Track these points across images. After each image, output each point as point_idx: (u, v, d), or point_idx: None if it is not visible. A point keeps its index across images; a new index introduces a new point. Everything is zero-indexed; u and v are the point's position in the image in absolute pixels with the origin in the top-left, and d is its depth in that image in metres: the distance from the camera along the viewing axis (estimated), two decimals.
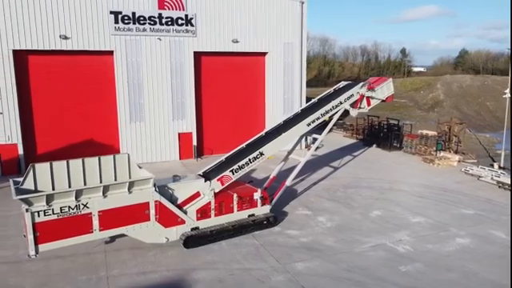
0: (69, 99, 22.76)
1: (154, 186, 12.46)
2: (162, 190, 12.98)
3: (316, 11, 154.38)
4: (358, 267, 11.91)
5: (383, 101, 18.50)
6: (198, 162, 24.24)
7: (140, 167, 12.91)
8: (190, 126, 25.19)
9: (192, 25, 24.13)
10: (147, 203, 12.36)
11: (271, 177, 16.62)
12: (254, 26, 25.75)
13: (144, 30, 23.14)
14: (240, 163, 14.25)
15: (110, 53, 22.86)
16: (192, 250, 12.95)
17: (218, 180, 13.84)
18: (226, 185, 14.04)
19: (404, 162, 25.05)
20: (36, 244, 10.81)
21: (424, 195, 18.50)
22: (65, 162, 11.53)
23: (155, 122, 24.34)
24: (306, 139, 28.37)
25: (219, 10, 24.73)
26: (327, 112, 16.27)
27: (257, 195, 14.63)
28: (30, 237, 10.68)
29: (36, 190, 11.12)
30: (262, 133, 15.69)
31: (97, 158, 12.10)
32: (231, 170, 14.08)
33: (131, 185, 11.99)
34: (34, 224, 10.67)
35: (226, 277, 11.39)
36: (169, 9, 23.53)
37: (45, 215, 10.79)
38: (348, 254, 12.75)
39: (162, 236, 12.85)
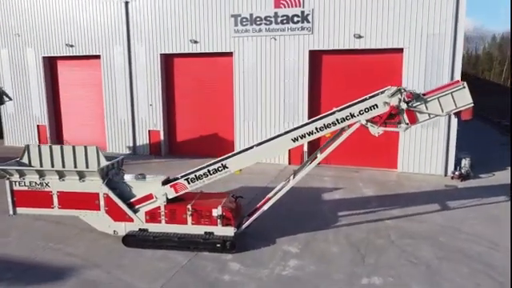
0: (201, 97, 25.85)
1: (104, 179, 13.27)
2: (120, 184, 13.62)
3: None
4: None
5: (458, 118, 11.95)
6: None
7: (110, 159, 13.98)
8: None
9: (308, 21, 22.25)
10: (97, 194, 13.35)
11: (266, 197, 14.00)
12: (384, 18, 21.11)
13: (260, 30, 23.21)
14: (198, 173, 12.97)
15: (230, 54, 24.24)
16: (130, 249, 13.04)
17: (171, 186, 13.14)
18: (180, 193, 13.16)
19: None
20: (14, 207, 13.86)
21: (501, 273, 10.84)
22: (48, 146, 14.09)
23: (265, 123, 24.15)
24: (447, 162, 21.12)
25: (340, 2, 21.64)
26: (326, 127, 12.21)
27: (216, 212, 12.88)
28: (9, 200, 13.79)
29: (30, 165, 14.20)
30: (255, 143, 13.62)
31: (71, 146, 14.09)
32: (186, 179, 13.03)
33: (81, 174, 13.29)
34: (12, 190, 13.72)
35: (103, 283, 11.05)
36: (285, 7, 22.58)
37: (19, 185, 13.65)
38: None
39: (111, 228, 13.56)
